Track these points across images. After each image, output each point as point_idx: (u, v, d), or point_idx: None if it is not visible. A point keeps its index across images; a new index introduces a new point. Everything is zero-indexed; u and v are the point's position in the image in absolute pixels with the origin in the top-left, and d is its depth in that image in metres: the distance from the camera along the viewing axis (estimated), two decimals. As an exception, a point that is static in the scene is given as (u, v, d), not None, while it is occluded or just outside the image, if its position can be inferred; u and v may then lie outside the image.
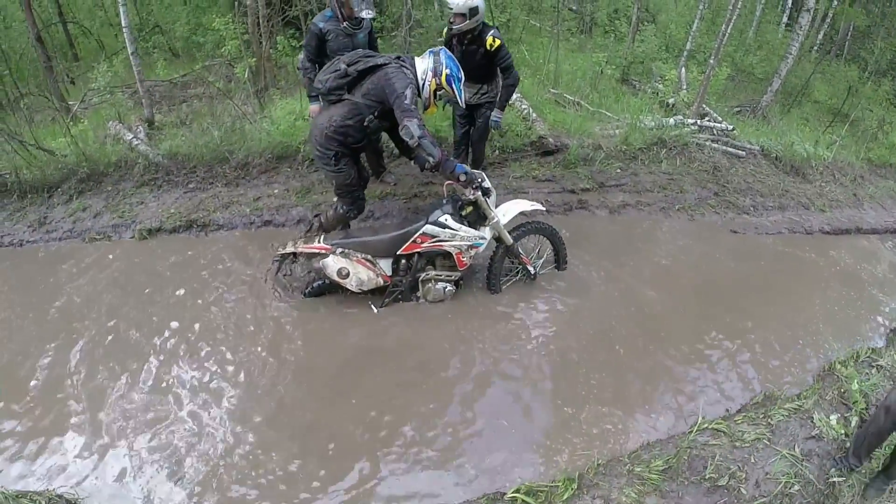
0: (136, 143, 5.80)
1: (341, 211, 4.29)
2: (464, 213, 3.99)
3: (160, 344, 3.99)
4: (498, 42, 4.53)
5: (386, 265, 4.03)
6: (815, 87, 12.90)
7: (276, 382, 3.75)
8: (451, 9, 4.41)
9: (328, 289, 4.26)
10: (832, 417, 4.16)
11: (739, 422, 3.89)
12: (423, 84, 3.81)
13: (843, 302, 5.92)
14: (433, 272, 4.13)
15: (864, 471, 3.68)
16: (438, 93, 3.90)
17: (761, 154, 7.99)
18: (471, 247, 4.05)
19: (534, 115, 6.83)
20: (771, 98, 10.12)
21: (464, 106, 4.27)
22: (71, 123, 5.90)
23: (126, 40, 6.01)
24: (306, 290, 4.29)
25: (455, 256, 4.04)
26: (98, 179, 5.56)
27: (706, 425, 3.78)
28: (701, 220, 6.22)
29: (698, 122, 7.88)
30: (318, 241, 3.95)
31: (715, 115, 8.41)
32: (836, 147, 9.70)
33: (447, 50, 3.95)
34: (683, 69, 9.70)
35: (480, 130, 5.15)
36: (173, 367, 3.84)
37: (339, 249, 3.90)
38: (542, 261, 4.71)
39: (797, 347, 4.90)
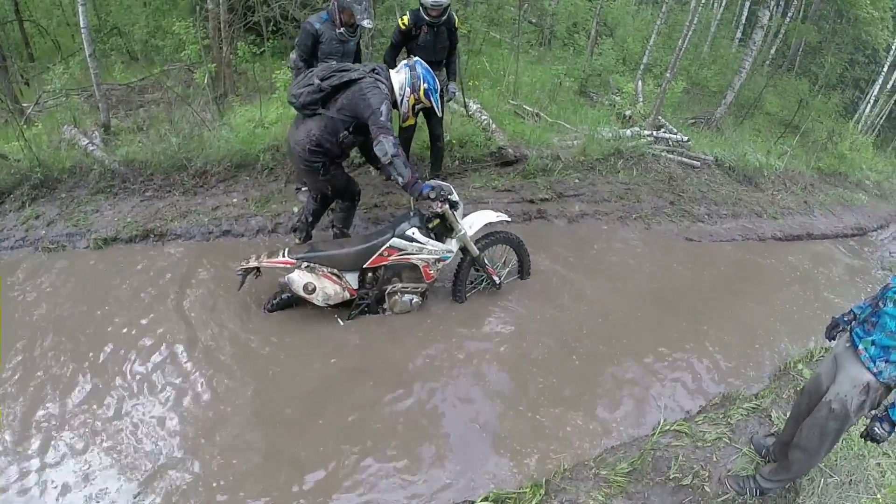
0: (92, 148, 5.53)
1: (346, 205, 4.37)
2: (431, 225, 3.97)
3: (112, 360, 3.83)
4: (460, 20, 4.86)
5: (352, 278, 3.98)
6: (767, 100, 13.39)
7: (234, 400, 3.64)
8: (435, 4, 4.58)
9: (292, 302, 4.17)
10: (790, 413, 4.27)
11: (700, 422, 3.96)
12: (402, 99, 3.82)
13: (798, 304, 6.11)
14: (399, 284, 4.10)
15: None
16: (416, 106, 3.92)
17: (715, 164, 8.22)
18: (438, 260, 4.06)
19: (493, 125, 6.88)
20: (725, 110, 10.45)
21: (441, 115, 4.31)
22: (24, 127, 5.64)
23: (84, 41, 5.73)
24: (268, 305, 4.20)
25: (422, 269, 4.03)
26: (52, 186, 5.29)
27: (668, 427, 3.83)
28: (657, 228, 6.36)
29: (654, 133, 8.07)
30: (281, 256, 3.85)
31: (670, 126, 8.62)
32: (788, 157, 10.04)
33: (422, 62, 3.93)
34: (640, 82, 9.94)
35: (440, 126, 5.31)
36: (125, 385, 3.67)
37: (305, 264, 3.82)
38: (507, 270, 4.74)
39: (754, 349, 5.02)
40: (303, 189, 5.29)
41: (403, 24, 4.83)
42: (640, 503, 3.31)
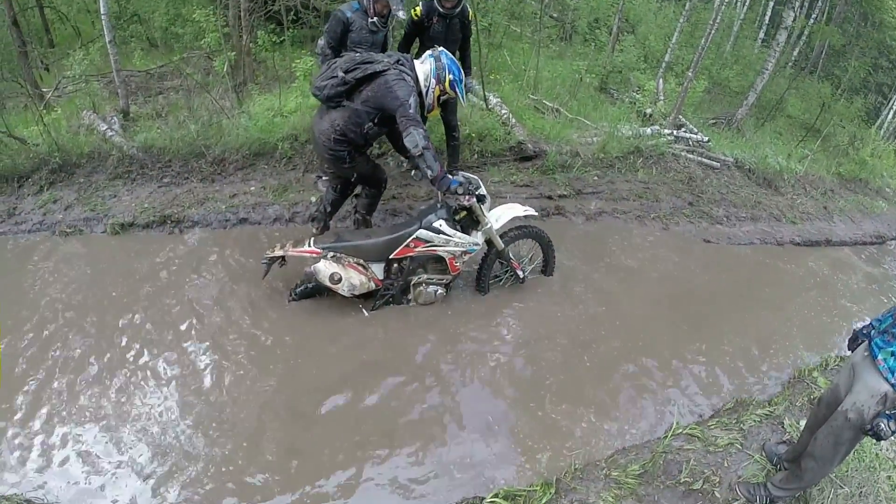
0: (111, 134, 5.59)
1: (369, 194, 4.36)
2: (457, 217, 3.98)
3: (132, 345, 3.87)
4: (474, 12, 4.85)
5: (378, 269, 3.99)
6: (789, 103, 13.19)
7: (255, 389, 3.65)
8: None
9: (315, 291, 4.17)
10: (802, 423, 4.22)
11: (713, 427, 3.93)
12: (427, 90, 3.79)
13: (815, 311, 6.05)
14: (425, 276, 4.12)
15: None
16: (441, 97, 3.89)
17: (735, 166, 8.11)
18: (464, 252, 4.05)
19: (513, 120, 6.83)
20: (746, 111, 10.31)
21: (465, 104, 4.31)
22: (44, 112, 5.67)
23: (104, 28, 5.79)
24: (292, 295, 4.20)
25: (448, 261, 4.04)
26: (70, 171, 5.34)
27: (680, 430, 3.81)
28: (675, 228, 6.30)
29: (674, 132, 7.97)
30: (308, 245, 3.86)
31: (691, 126, 8.52)
32: (808, 161, 9.91)
33: (446, 51, 3.91)
34: (661, 80, 9.82)
35: (454, 107, 5.22)
36: (145, 371, 3.71)
37: (330, 254, 3.82)
38: (531, 266, 4.74)
39: (769, 355, 4.97)
40: (322, 178, 5.29)
41: (416, 14, 4.80)
42: (650, 506, 3.30)
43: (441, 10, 4.70)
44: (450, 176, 3.71)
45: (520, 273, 4.51)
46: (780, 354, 5.07)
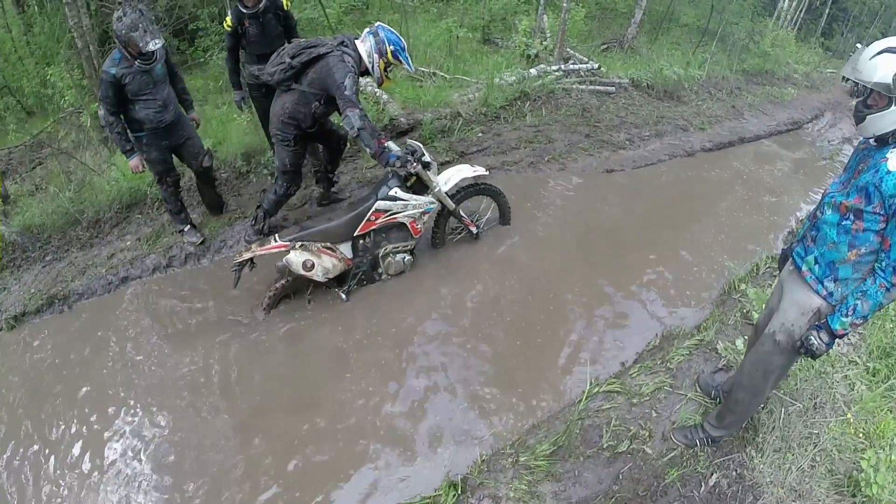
0: None
1: (280, 192, 4.40)
2: (408, 184, 4.07)
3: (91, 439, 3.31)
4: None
5: (346, 248, 4.07)
6: (681, 12, 12.95)
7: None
8: None
9: (286, 292, 4.13)
10: (738, 342, 3.85)
11: (635, 375, 3.51)
12: (373, 66, 3.88)
13: (742, 212, 5.76)
14: (390, 246, 4.19)
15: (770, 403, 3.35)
16: (388, 68, 3.95)
17: (632, 86, 7.75)
18: (423, 213, 4.16)
19: (385, 96, 6.31)
20: (636, 30, 9.96)
21: (412, 69, 4.31)
22: None
23: None
24: (265, 306, 4.08)
25: (409, 225, 4.14)
26: None
27: (597, 389, 3.38)
28: (574, 165, 5.81)
29: (562, 67, 7.56)
30: (273, 241, 3.88)
31: (580, 56, 8.12)
32: (709, 65, 9.64)
33: (383, 25, 3.93)
34: (544, 17, 9.38)
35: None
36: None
37: (298, 243, 3.87)
38: (485, 219, 4.79)
39: (693, 274, 4.63)
40: (186, 230, 4.84)
41: (228, 25, 4.50)
42: (571, 483, 2.89)
43: (246, 10, 4.39)
44: (391, 148, 3.85)
45: (472, 230, 4.60)
46: (707, 271, 4.72)
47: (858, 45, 14.11)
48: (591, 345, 3.80)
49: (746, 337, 3.94)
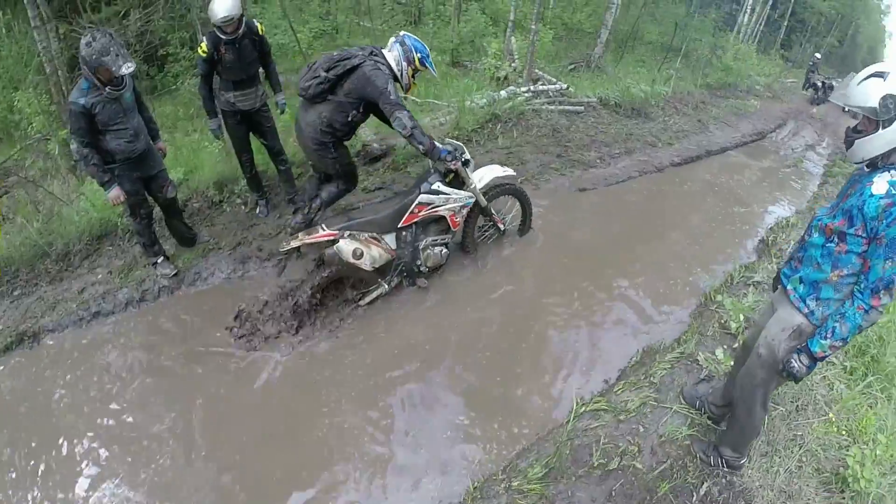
0: None
1: (343, 187, 4.49)
2: (447, 180, 4.23)
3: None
4: (262, 25, 4.59)
5: (391, 240, 4.20)
6: (645, 30, 13.31)
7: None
8: (225, 19, 4.25)
9: (328, 282, 4.21)
10: (717, 352, 3.91)
11: (620, 391, 3.53)
12: (402, 73, 4.00)
13: (713, 223, 5.87)
14: (429, 238, 4.35)
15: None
16: (416, 74, 4.10)
17: (600, 105, 7.91)
18: (462, 207, 4.34)
19: (356, 120, 6.35)
20: (602, 49, 10.20)
21: (435, 74, 4.43)
22: None
23: None
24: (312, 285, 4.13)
25: (449, 218, 4.31)
26: None
27: (583, 408, 3.39)
28: (546, 186, 5.89)
29: (531, 88, 7.69)
30: (321, 230, 3.95)
31: (548, 77, 8.27)
32: (674, 81, 9.88)
33: (408, 34, 4.07)
34: (512, 38, 9.55)
35: (274, 131, 5.00)
36: None
37: (347, 232, 3.96)
38: (510, 216, 5.00)
39: (669, 287, 4.69)
40: (159, 262, 4.75)
41: (203, 51, 4.44)
42: None
43: (225, 37, 4.35)
44: (439, 146, 4.01)
45: (500, 226, 4.83)
46: (683, 284, 4.80)
47: (817, 55, 14.61)
48: (574, 365, 3.80)
49: (726, 347, 4.04)
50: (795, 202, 7.18)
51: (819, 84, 14.53)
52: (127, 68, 3.68)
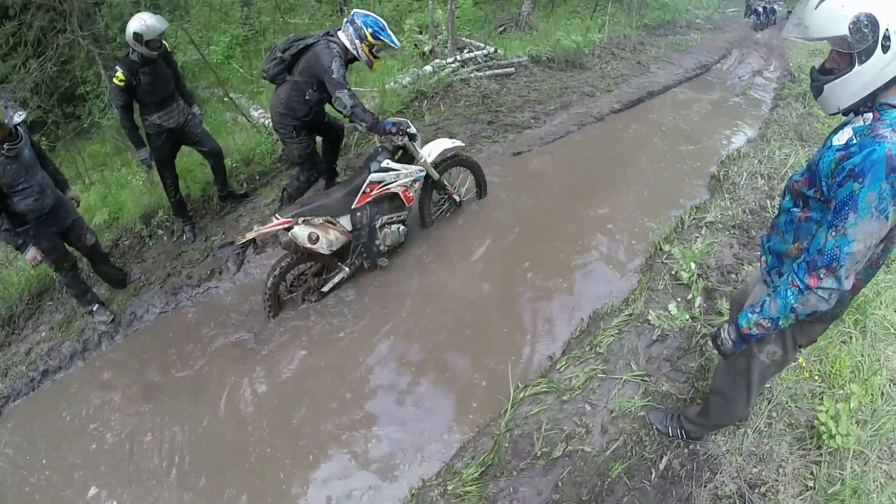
0: None
1: (303, 178, 4.61)
2: (396, 157, 4.25)
3: None
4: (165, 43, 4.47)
5: (346, 221, 4.17)
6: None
7: None
8: (161, 32, 4.23)
9: (289, 269, 4.09)
10: (670, 306, 3.61)
11: (563, 368, 3.23)
12: (357, 51, 4.01)
13: (656, 172, 5.56)
14: (385, 217, 4.32)
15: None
16: (374, 49, 4.06)
17: (532, 63, 7.55)
18: (414, 181, 4.33)
19: (276, 124, 5.97)
20: (529, 6, 9.78)
21: (398, 46, 4.28)
22: None
23: None
24: (267, 304, 4.05)
25: (402, 195, 4.30)
26: None
27: (522, 393, 3.09)
28: (479, 156, 5.50)
29: (458, 58, 7.31)
30: (275, 220, 3.91)
31: (475, 43, 7.89)
32: (608, 26, 9.53)
33: (358, 11, 4.05)
34: (438, 11, 9.11)
35: (206, 134, 4.92)
36: None
37: (301, 219, 3.92)
38: (464, 188, 4.97)
39: (616, 245, 4.40)
40: (95, 310, 4.51)
41: (120, 80, 4.24)
42: (508, 502, 2.57)
43: (148, 55, 4.22)
44: (382, 120, 4.03)
45: (456, 198, 4.82)
46: (630, 238, 4.52)
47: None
48: (515, 345, 3.51)
49: (679, 300, 3.74)
50: (747, 131, 6.90)
51: (760, 9, 14.27)
52: (19, 116, 3.46)
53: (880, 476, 2.61)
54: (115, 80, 4.24)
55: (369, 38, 3.99)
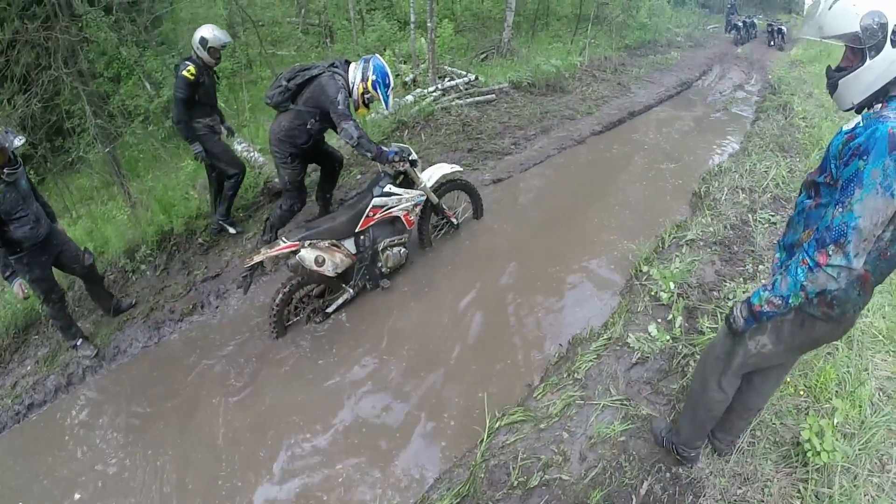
0: None
1: (285, 207, 4.67)
2: (397, 182, 4.35)
3: None
4: None
5: (350, 244, 4.25)
6: (555, 4, 13.05)
7: None
8: (225, 44, 4.64)
9: (294, 292, 4.12)
10: (650, 328, 3.59)
11: (540, 396, 3.20)
12: (353, 88, 4.10)
13: (637, 192, 5.58)
14: (387, 240, 4.40)
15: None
16: (366, 96, 4.16)
17: (513, 89, 7.63)
18: (415, 205, 4.44)
19: (261, 158, 6.02)
20: (510, 33, 9.92)
21: (389, 110, 4.69)
22: None
23: None
24: (272, 326, 4.08)
25: (403, 218, 4.41)
26: None
27: (499, 423, 3.06)
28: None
29: (439, 86, 7.39)
30: (282, 242, 3.96)
31: (456, 71, 7.98)
32: (589, 48, 9.65)
33: (378, 57, 4.20)
34: (422, 40, 9.25)
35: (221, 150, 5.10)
36: None
37: (307, 242, 3.99)
38: (461, 209, 5.11)
39: (596, 268, 4.38)
40: (79, 344, 4.52)
41: (191, 73, 4.58)
42: (485, 534, 2.53)
43: (208, 61, 4.67)
44: (385, 149, 4.12)
45: (454, 221, 4.94)
46: (610, 261, 4.51)
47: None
48: (492, 374, 3.48)
49: (660, 321, 3.72)
50: (728, 147, 6.95)
51: (740, 24, 14.49)
52: (19, 141, 3.61)
53: (871, 489, 2.56)
54: (185, 72, 4.54)
55: (368, 83, 4.09)
